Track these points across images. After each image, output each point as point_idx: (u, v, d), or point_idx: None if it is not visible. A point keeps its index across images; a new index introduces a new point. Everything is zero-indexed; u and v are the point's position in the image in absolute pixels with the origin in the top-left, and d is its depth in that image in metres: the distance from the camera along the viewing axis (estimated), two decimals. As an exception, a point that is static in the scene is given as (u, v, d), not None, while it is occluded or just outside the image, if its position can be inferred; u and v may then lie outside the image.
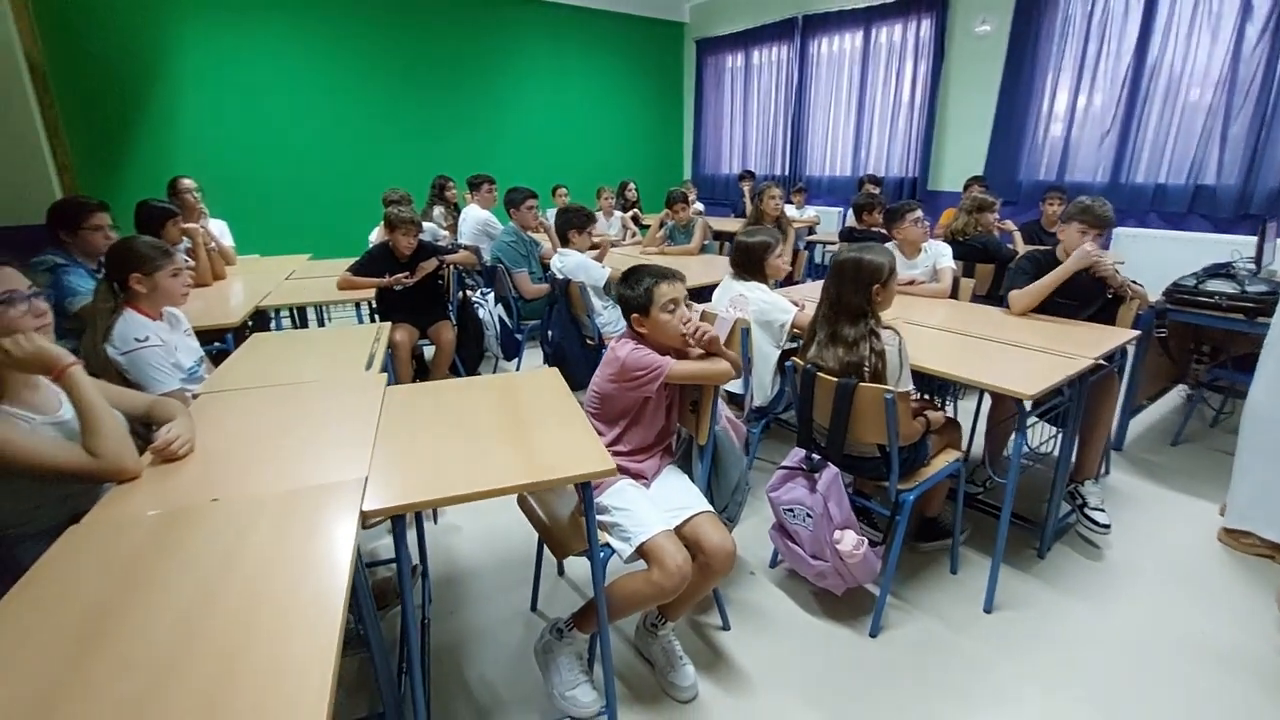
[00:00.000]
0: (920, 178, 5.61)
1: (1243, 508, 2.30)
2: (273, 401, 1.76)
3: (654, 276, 1.74)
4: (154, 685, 0.82)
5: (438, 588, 2.20)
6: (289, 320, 3.59)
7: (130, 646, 0.88)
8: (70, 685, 0.82)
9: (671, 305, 1.74)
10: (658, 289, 1.72)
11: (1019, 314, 2.63)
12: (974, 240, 3.56)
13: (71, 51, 4.70)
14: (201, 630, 0.92)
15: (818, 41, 6.29)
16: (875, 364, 1.86)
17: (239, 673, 0.84)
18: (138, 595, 0.99)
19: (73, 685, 0.82)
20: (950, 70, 5.34)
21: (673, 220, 4.59)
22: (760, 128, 7.11)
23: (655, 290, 1.72)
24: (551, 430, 1.56)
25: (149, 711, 0.79)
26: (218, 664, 0.85)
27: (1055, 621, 2.02)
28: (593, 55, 7.17)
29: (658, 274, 1.75)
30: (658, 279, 1.74)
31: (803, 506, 1.96)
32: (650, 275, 1.75)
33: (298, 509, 1.22)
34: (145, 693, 0.81)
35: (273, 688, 0.82)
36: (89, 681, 0.83)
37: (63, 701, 0.80)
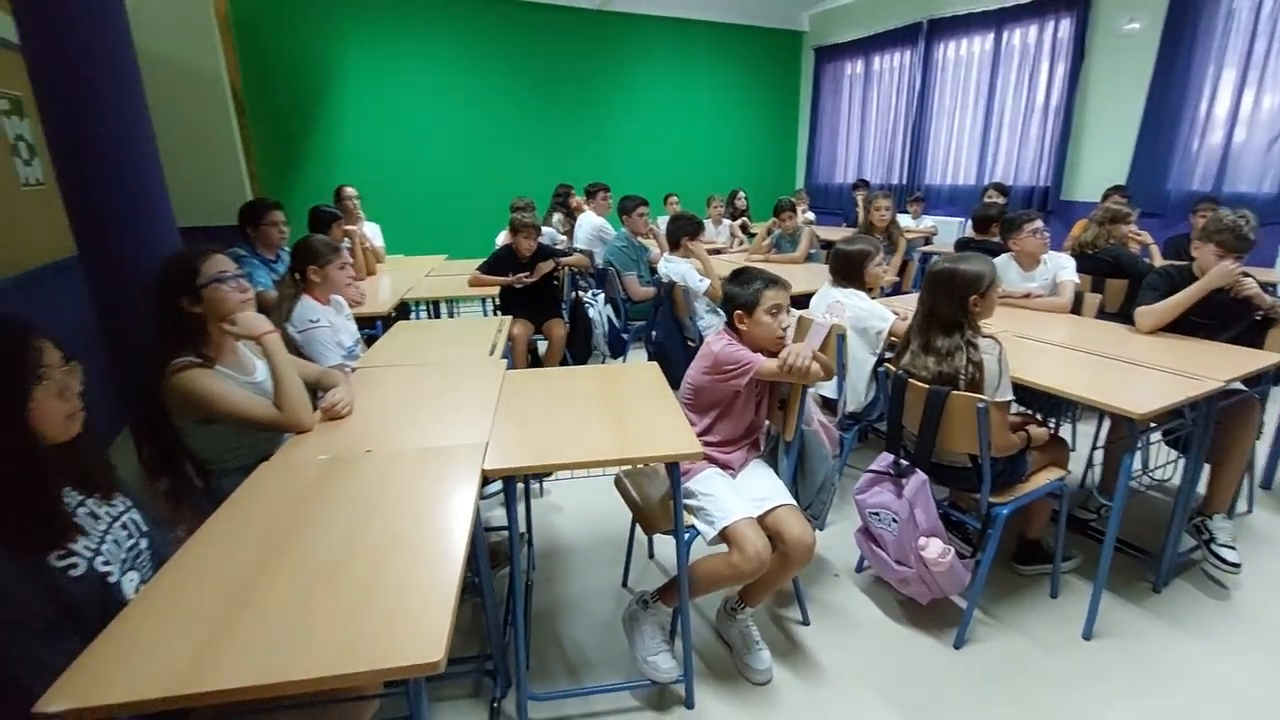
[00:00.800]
0: (1053, 186, 5.26)
1: None
2: (412, 377, 2.05)
3: (764, 280, 1.87)
4: (318, 584, 1.06)
5: (539, 558, 2.42)
6: (426, 312, 4.02)
7: (301, 555, 1.13)
8: (258, 579, 1.07)
9: (775, 309, 1.85)
10: (765, 293, 1.84)
11: (1146, 332, 2.47)
12: (1104, 253, 3.34)
13: (261, 77, 5.50)
14: (355, 547, 1.15)
15: (944, 45, 6.06)
16: (972, 374, 1.86)
17: (378, 593, 1.04)
18: (307, 521, 1.25)
19: (260, 579, 1.07)
20: (1090, 72, 4.98)
21: (779, 229, 4.64)
22: (878, 135, 6.94)
23: (763, 293, 1.84)
24: (647, 415, 1.72)
25: (314, 602, 1.01)
26: (362, 583, 1.06)
27: (1163, 657, 1.91)
28: (711, 67, 7.33)
29: (767, 279, 1.87)
30: (767, 283, 1.86)
31: (888, 511, 1.99)
32: (760, 278, 1.87)
33: (431, 463, 1.46)
34: (311, 589, 1.05)
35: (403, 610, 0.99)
36: (271, 577, 1.07)
37: (253, 590, 1.04)
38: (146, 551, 1.20)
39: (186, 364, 1.57)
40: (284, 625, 0.96)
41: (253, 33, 5.38)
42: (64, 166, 2.04)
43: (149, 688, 0.86)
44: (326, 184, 4.74)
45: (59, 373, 1.07)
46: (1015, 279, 3.05)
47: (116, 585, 1.09)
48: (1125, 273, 3.36)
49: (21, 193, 2.79)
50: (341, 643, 0.93)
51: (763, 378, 1.85)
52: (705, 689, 1.82)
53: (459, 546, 1.15)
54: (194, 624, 0.96)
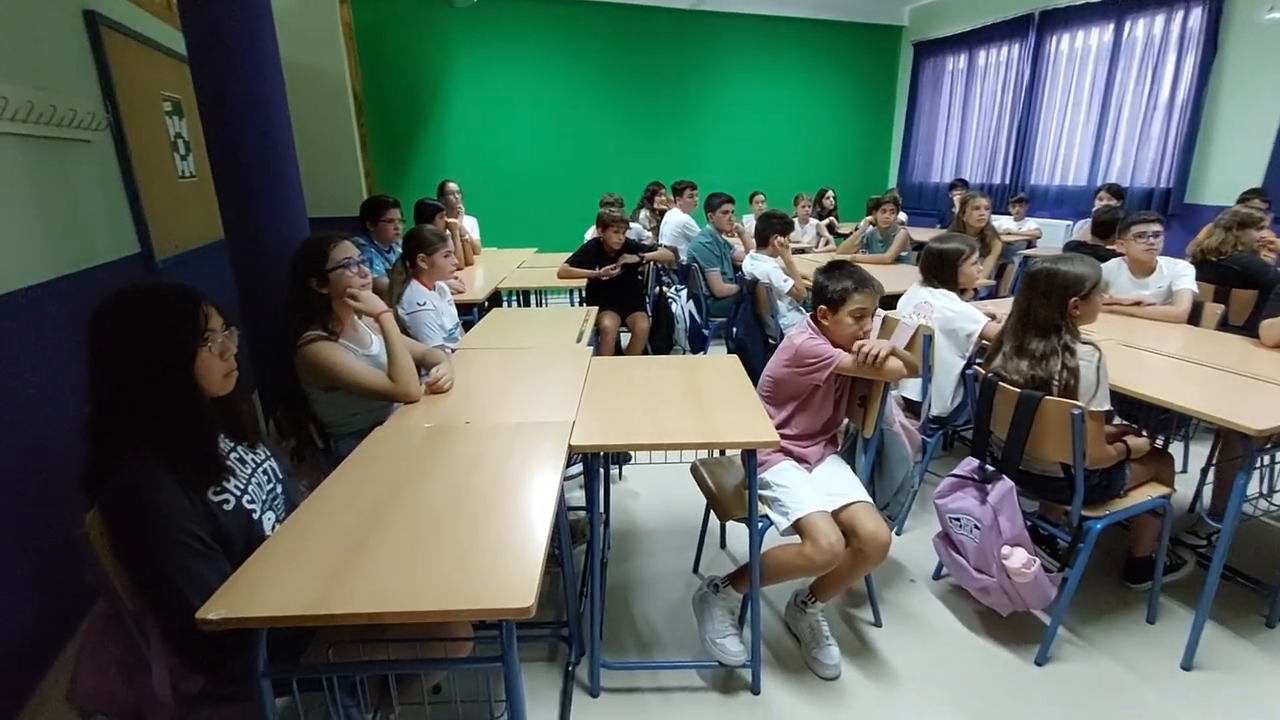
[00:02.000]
0: (1175, 188, 4.85)
1: None
2: (506, 359, 2.20)
3: (855, 281, 1.85)
4: (425, 533, 1.18)
5: (615, 539, 2.52)
6: (516, 301, 4.23)
7: (410, 508, 1.26)
8: (374, 526, 1.20)
9: (859, 313, 1.85)
10: (854, 295, 1.84)
11: (1272, 346, 2.29)
12: (1231, 261, 3.08)
13: (377, 81, 5.93)
14: (457, 504, 1.27)
15: (1056, 38, 5.70)
16: (1066, 380, 1.80)
17: (478, 545, 1.14)
18: (415, 479, 1.38)
19: (376, 526, 1.20)
20: (1225, 66, 4.55)
21: (873, 226, 4.54)
22: (979, 133, 6.62)
23: (851, 295, 1.84)
24: (725, 405, 1.78)
25: (422, 548, 1.13)
26: (464, 536, 1.17)
27: (1272, 697, 1.77)
28: (803, 64, 7.22)
29: (859, 279, 1.86)
30: (858, 285, 1.84)
31: (970, 517, 1.95)
32: (852, 278, 1.86)
33: (524, 436, 1.57)
34: (419, 537, 1.17)
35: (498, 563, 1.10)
36: (385, 525, 1.21)
37: (370, 534, 1.18)
38: (281, 496, 1.38)
39: (315, 336, 1.76)
40: (396, 565, 1.09)
41: (372, 40, 5.81)
42: (217, 161, 2.31)
43: (286, 606, 1.00)
44: (432, 179, 5.05)
45: (221, 335, 1.25)
46: (1126, 285, 2.88)
47: (258, 521, 1.26)
48: (1254, 283, 3.08)
49: (179, 184, 3.17)
50: (444, 584, 1.04)
51: (842, 373, 1.86)
52: (772, 678, 1.86)
53: (548, 509, 1.25)
54: (322, 558, 1.11)
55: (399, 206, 3.47)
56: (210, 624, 0.97)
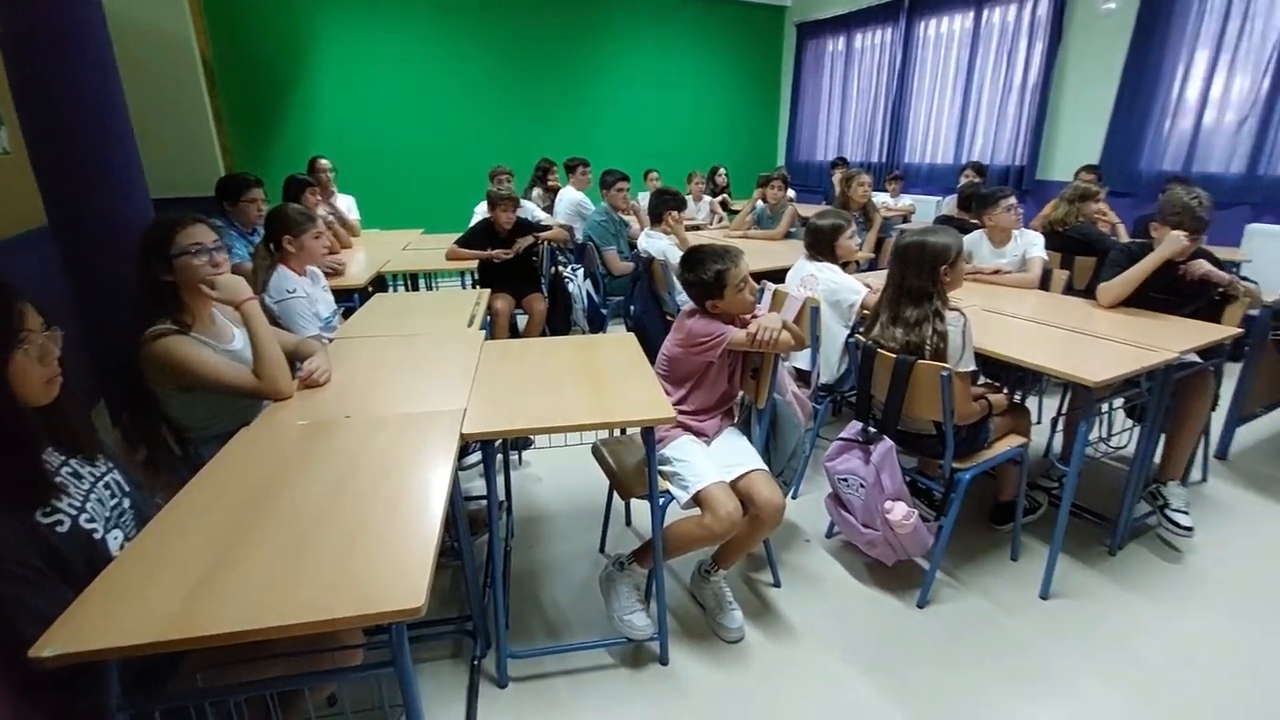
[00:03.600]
0: (1028, 166, 5.34)
1: None
2: (391, 348, 2.07)
3: (720, 259, 1.86)
4: (301, 538, 1.09)
5: (519, 525, 2.47)
6: (404, 285, 4.01)
7: (285, 511, 1.16)
8: (243, 534, 1.10)
9: (742, 282, 1.88)
10: (729, 273, 1.85)
11: (1107, 306, 2.56)
12: (1074, 231, 3.42)
13: (233, 46, 5.38)
14: (337, 503, 1.18)
15: (925, 23, 6.07)
16: (936, 344, 1.93)
17: (363, 542, 1.08)
18: (289, 481, 1.27)
19: (245, 534, 1.10)
20: (1068, 53, 5.03)
21: (763, 202, 4.67)
22: (858, 113, 6.96)
23: (727, 274, 1.85)
24: (623, 384, 1.76)
25: (298, 553, 1.05)
26: (346, 535, 1.10)
27: (1116, 616, 2.01)
28: (692, 41, 7.27)
29: (721, 253, 1.87)
30: (727, 263, 1.86)
31: (856, 476, 2.06)
32: (716, 258, 1.87)
33: (411, 427, 1.49)
34: (295, 542, 1.08)
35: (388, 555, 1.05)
36: (256, 532, 1.11)
37: (238, 544, 1.08)
38: (130, 511, 1.22)
39: (163, 331, 1.57)
40: (269, 575, 1.00)
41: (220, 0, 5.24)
42: (31, 133, 2.00)
43: (138, 633, 0.89)
44: (301, 155, 4.67)
45: (41, 336, 1.08)
46: (986, 255, 3.12)
47: (101, 542, 1.11)
48: (1093, 250, 3.44)
49: (-14, 160, 2.73)
50: (325, 591, 0.96)
51: (735, 348, 1.89)
52: (679, 647, 1.89)
53: (438, 501, 1.19)
54: (180, 575, 0.99)
55: (262, 185, 3.16)
56: (47, 661, 0.85)
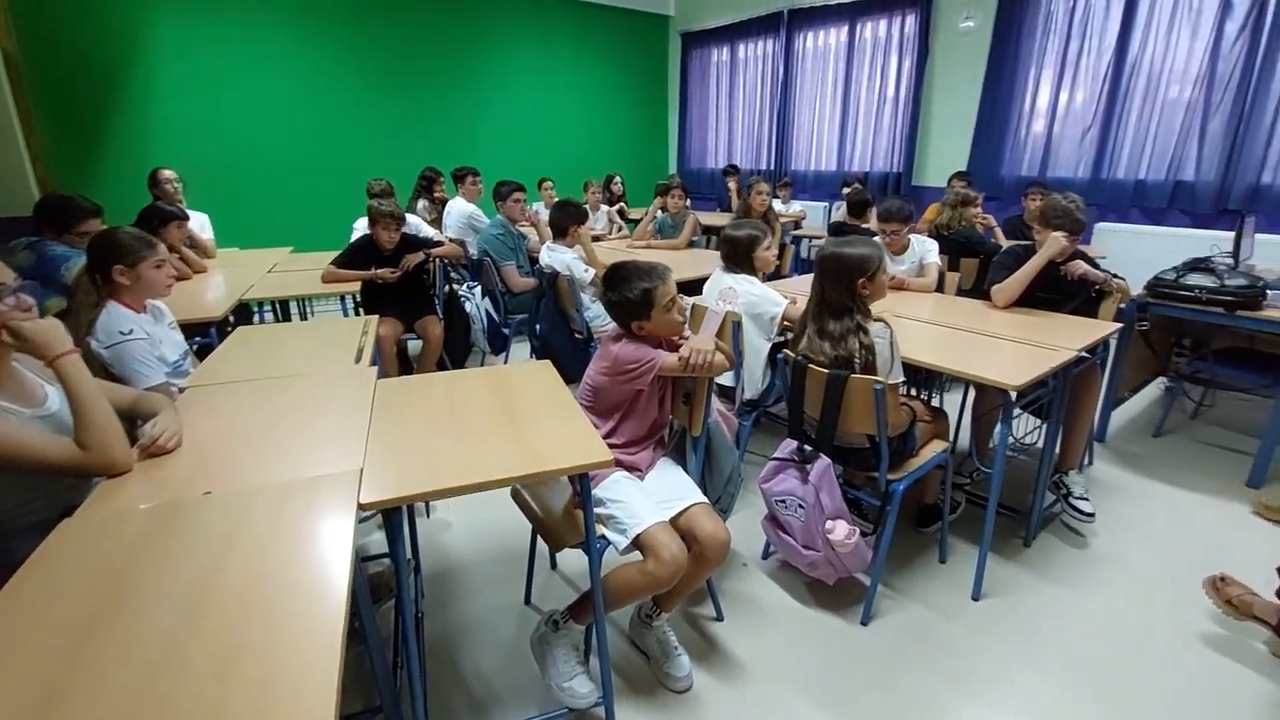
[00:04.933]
0: (905, 173, 5.66)
1: None
2: (262, 395, 1.73)
3: (648, 277, 1.71)
4: (158, 663, 0.82)
5: (430, 583, 2.19)
6: (273, 314, 3.54)
7: (125, 643, 0.87)
8: (69, 678, 0.81)
9: (670, 302, 1.74)
10: (657, 291, 1.71)
11: (1002, 307, 2.67)
12: (958, 234, 3.61)
13: (43, 40, 4.57)
14: (200, 625, 0.91)
15: (803, 36, 6.30)
16: (865, 357, 1.88)
17: (241, 668, 0.83)
18: (133, 589, 0.98)
19: (71, 678, 0.81)
20: (934, 66, 5.38)
21: (663, 212, 4.59)
22: (745, 122, 7.12)
23: (654, 292, 1.71)
24: (546, 422, 1.56)
25: (156, 684, 0.79)
26: (217, 659, 0.84)
27: (1043, 609, 2.06)
28: (578, 47, 7.13)
29: (647, 270, 1.73)
30: (654, 281, 1.71)
31: (794, 497, 1.98)
32: (641, 275, 1.72)
33: (293, 501, 1.21)
34: (151, 668, 0.81)
35: (275, 683, 0.81)
36: (86, 675, 0.81)
37: (63, 693, 0.79)
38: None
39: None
40: None
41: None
42: None
43: None
44: (136, 166, 4.04)
45: None
46: (886, 263, 3.19)
47: None
48: (975, 252, 3.65)
49: None
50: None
51: (666, 374, 1.75)
52: (625, 704, 1.72)
53: (338, 600, 0.94)
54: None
55: (100, 215, 2.63)
56: None
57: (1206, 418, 3.41)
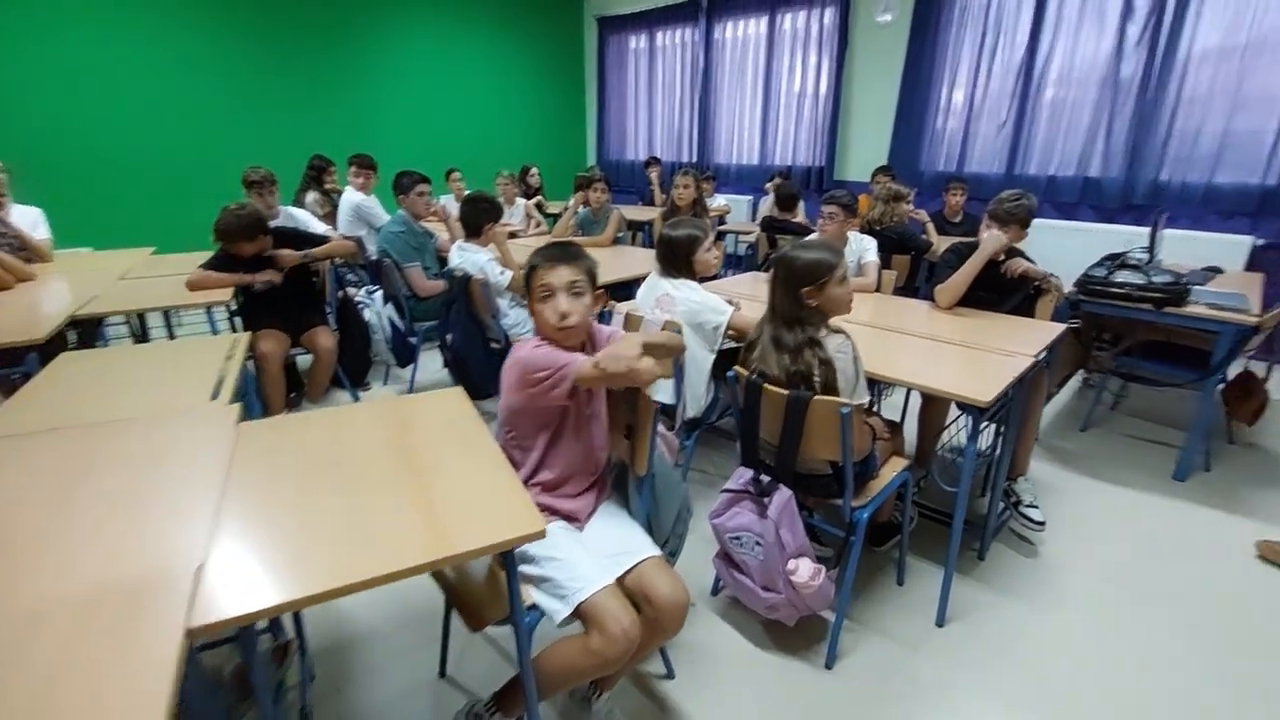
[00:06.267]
0: (827, 167, 5.61)
1: None
2: (70, 453, 1.31)
3: (536, 257, 1.47)
4: None
5: (320, 660, 1.81)
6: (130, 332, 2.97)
7: None
8: None
9: (544, 292, 1.43)
10: (534, 273, 1.46)
11: (945, 307, 2.57)
12: (890, 230, 3.52)
13: None
14: None
15: (723, 25, 6.13)
16: (825, 374, 1.67)
17: None
18: None
19: None
20: (854, 59, 5.34)
21: (585, 207, 4.28)
22: (666, 113, 6.90)
23: (532, 274, 1.46)
24: (459, 477, 1.24)
25: None
26: None
27: (1008, 630, 1.94)
28: (487, 27, 6.65)
29: (541, 254, 1.48)
30: (536, 261, 1.46)
31: (751, 534, 1.75)
32: (535, 256, 1.48)
33: (94, 625, 0.83)
34: None
35: None
36: None
37: None
38: None
39: None
40: None
41: None
42: None
43: None
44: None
45: None
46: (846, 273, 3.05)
47: None
48: (908, 248, 3.58)
49: None
50: None
51: (585, 383, 1.42)
52: (566, 805, 1.43)
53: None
54: None
55: None
56: None
57: (1124, 409, 3.49)
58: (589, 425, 1.55)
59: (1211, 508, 2.58)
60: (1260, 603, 2.06)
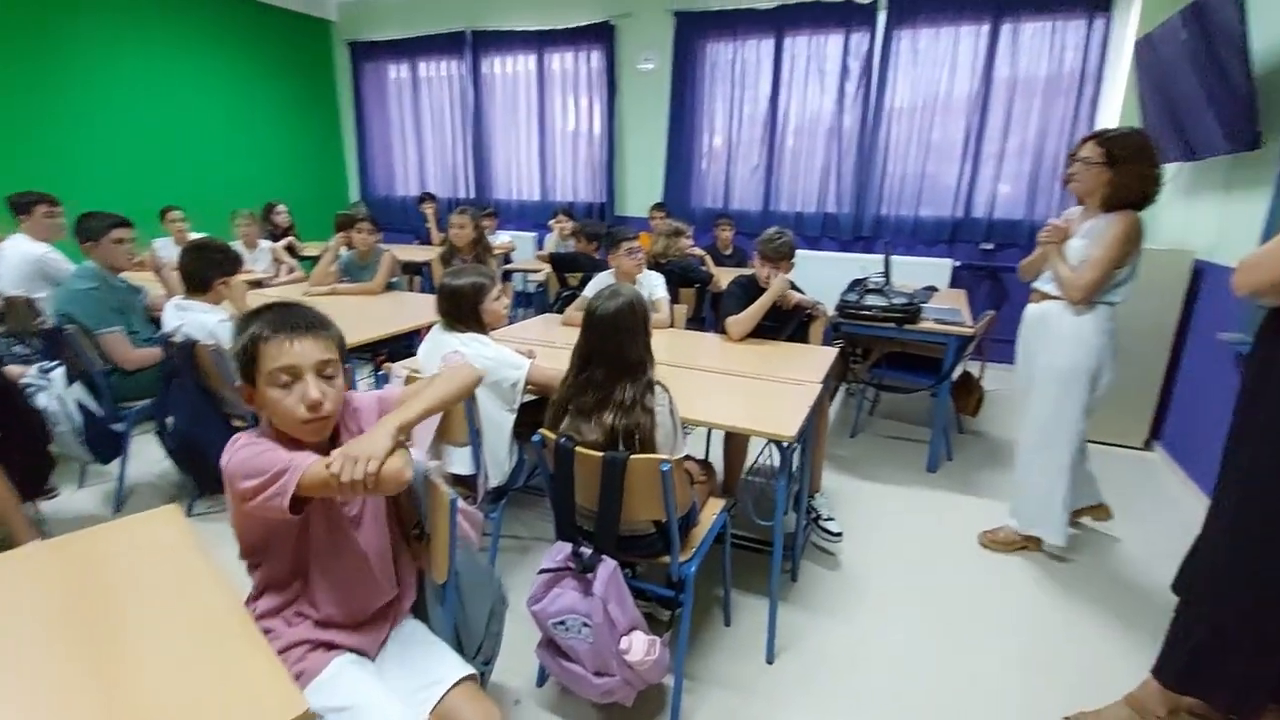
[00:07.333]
0: (608, 203, 5.71)
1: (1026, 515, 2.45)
2: None
3: (261, 326, 1.08)
4: None
5: None
6: None
7: None
8: None
9: (284, 378, 1.07)
10: (262, 349, 1.06)
11: (737, 339, 2.66)
12: (674, 265, 3.62)
13: None
14: None
15: (490, 60, 5.97)
16: (647, 427, 1.56)
17: None
18: None
19: None
20: (624, 101, 5.53)
21: (348, 249, 3.76)
22: (437, 147, 6.50)
23: (258, 350, 1.06)
24: (172, 655, 0.86)
25: None
26: None
27: (831, 653, 1.98)
28: (214, 46, 5.69)
29: (268, 323, 1.08)
30: (263, 332, 1.07)
31: (577, 615, 1.55)
32: (256, 323, 1.09)
33: None
34: None
35: None
36: None
37: None
38: None
39: None
40: None
41: None
42: None
43: None
44: None
45: None
46: None
47: None
48: (692, 280, 3.71)
49: None
50: None
51: (311, 491, 1.03)
52: None
53: None
54: None
55: None
56: None
57: (879, 414, 3.97)
58: (350, 535, 1.20)
59: (958, 493, 2.97)
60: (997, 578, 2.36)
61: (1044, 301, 2.32)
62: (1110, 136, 2.12)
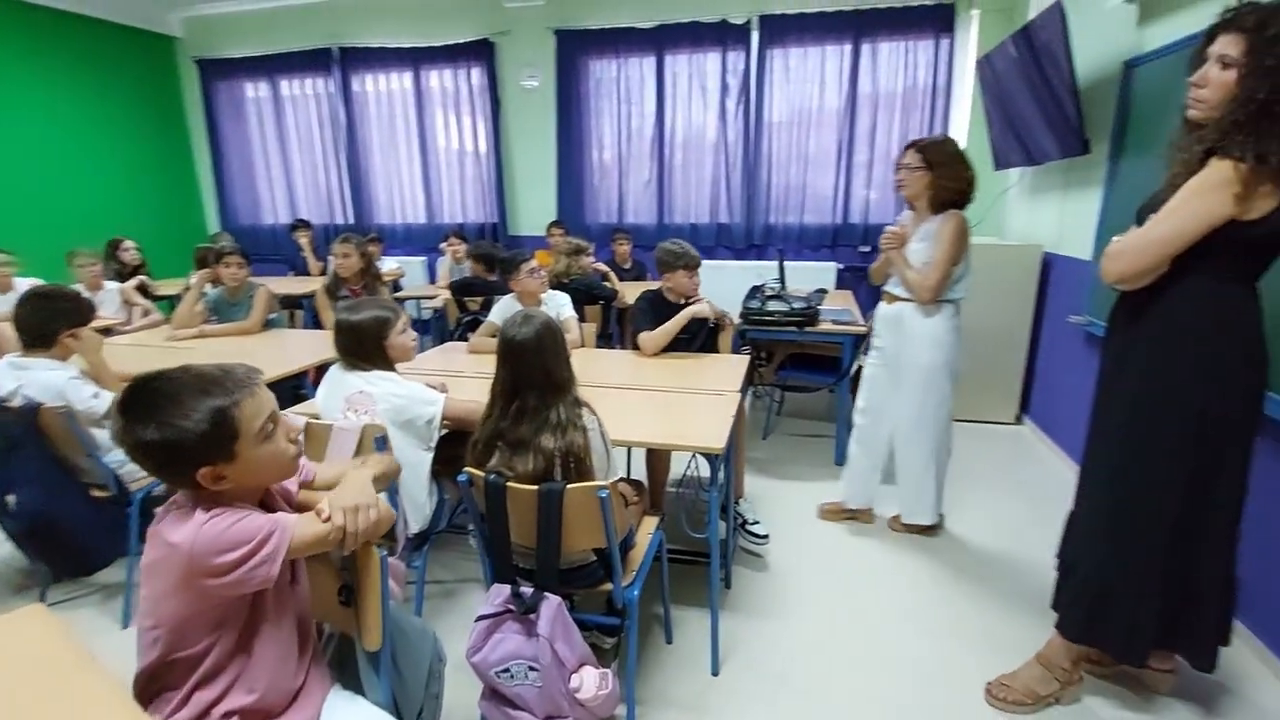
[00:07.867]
0: (500, 223, 5.58)
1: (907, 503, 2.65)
2: None
3: (215, 391, 0.97)
4: None
5: None
6: None
7: None
8: None
9: (270, 426, 1.03)
10: (238, 415, 0.97)
11: (650, 354, 2.67)
12: (578, 282, 3.59)
13: None
14: None
15: (361, 78, 5.66)
16: (583, 444, 1.53)
17: None
18: None
19: None
20: (509, 119, 5.43)
21: (214, 286, 3.41)
22: (307, 170, 6.07)
23: (234, 420, 0.97)
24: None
25: None
26: None
27: (773, 658, 2.01)
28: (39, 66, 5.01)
29: (218, 384, 0.98)
30: (230, 393, 0.98)
31: (522, 661, 1.48)
32: (205, 391, 0.96)
33: None
34: None
35: None
36: None
37: None
38: None
39: None
40: None
41: None
42: None
43: None
44: None
45: None
46: None
47: None
48: (597, 297, 3.70)
49: None
50: None
51: (299, 552, 1.04)
52: None
53: None
54: None
55: None
56: None
57: (786, 413, 4.12)
58: (289, 602, 1.11)
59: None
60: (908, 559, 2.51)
61: (895, 303, 2.51)
62: (925, 144, 2.36)
